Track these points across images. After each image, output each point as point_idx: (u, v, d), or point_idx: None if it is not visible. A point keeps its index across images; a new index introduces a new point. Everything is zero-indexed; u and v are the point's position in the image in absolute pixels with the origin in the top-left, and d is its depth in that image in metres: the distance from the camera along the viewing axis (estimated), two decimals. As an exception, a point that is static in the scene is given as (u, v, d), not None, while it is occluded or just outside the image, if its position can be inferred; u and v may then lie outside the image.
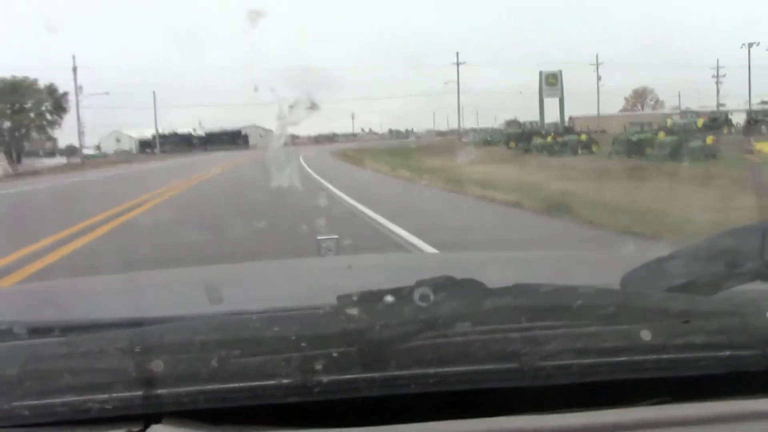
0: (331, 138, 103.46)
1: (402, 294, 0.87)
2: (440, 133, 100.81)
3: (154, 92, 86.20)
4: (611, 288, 1.02)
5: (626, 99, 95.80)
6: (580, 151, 30.51)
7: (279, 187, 10.56)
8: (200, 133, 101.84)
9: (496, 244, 7.61)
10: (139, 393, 0.83)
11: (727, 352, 0.90)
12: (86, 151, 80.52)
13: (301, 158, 29.58)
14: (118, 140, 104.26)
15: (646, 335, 0.88)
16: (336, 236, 2.23)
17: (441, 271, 0.93)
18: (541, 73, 49.71)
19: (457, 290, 0.90)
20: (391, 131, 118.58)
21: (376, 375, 0.85)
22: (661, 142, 24.27)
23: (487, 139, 53.71)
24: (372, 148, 47.29)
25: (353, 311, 0.86)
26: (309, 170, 23.16)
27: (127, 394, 0.83)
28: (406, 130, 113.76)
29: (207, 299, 1.29)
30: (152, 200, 15.11)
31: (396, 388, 0.85)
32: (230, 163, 35.66)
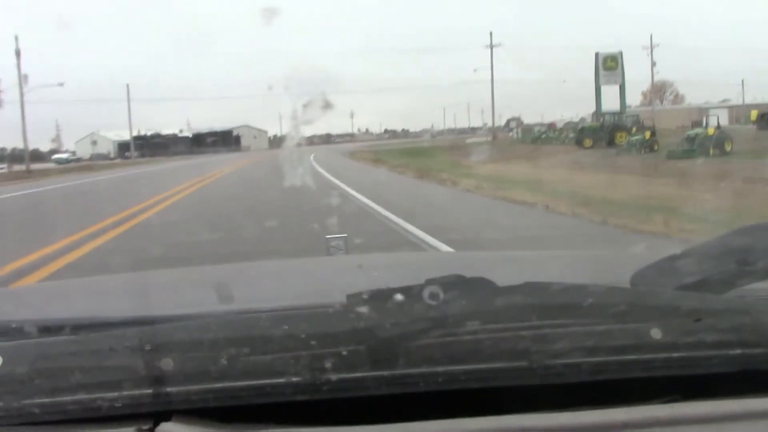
0: (326, 139, 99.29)
1: (412, 292, 0.87)
2: (452, 131, 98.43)
3: (127, 85, 72.93)
4: (622, 286, 1.02)
5: (644, 94, 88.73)
6: (642, 151, 27.31)
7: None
8: (187, 134, 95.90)
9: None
10: (149, 391, 0.83)
11: (739, 351, 0.89)
12: (60, 155, 74.49)
13: (326, 172, 21.76)
14: (94, 143, 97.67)
15: (656, 333, 0.88)
16: (345, 235, 2.23)
17: (451, 269, 0.93)
18: (597, 55, 41.29)
19: (467, 289, 0.90)
20: (386, 131, 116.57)
21: (386, 373, 0.85)
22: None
23: (540, 136, 47.14)
24: (385, 149, 42.19)
25: (363, 309, 0.86)
26: (353, 193, 14.33)
27: (136, 392, 0.83)
28: (402, 130, 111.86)
29: (216, 298, 1.29)
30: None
31: (405, 387, 0.85)
32: (212, 177, 24.09)
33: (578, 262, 2.10)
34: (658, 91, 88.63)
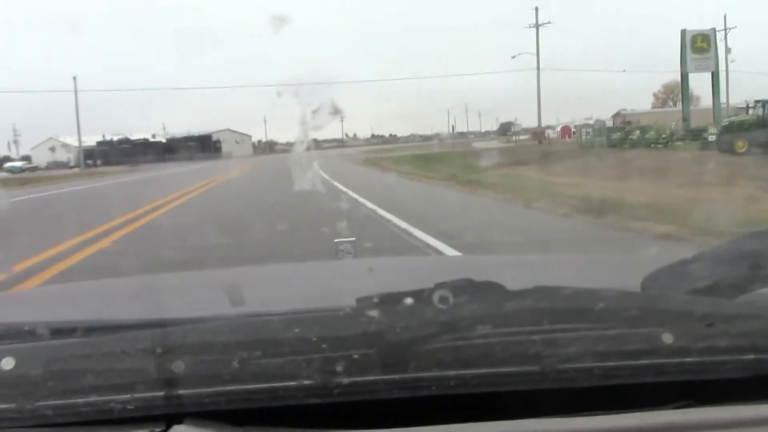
0: (314, 145, 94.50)
1: (422, 296, 0.87)
2: (460, 135, 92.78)
3: (74, 78, 58.94)
4: (633, 291, 1.01)
5: (655, 95, 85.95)
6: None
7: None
8: (160, 139, 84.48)
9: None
10: (161, 393, 0.83)
11: (751, 356, 0.89)
12: (13, 164, 67.11)
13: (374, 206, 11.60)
14: (52, 149, 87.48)
15: (668, 338, 0.87)
16: (354, 239, 2.24)
17: (461, 273, 0.92)
18: (683, 33, 33.00)
19: (478, 293, 0.90)
20: (374, 136, 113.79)
21: (396, 377, 0.85)
22: None
23: (627, 137, 33.73)
24: (396, 156, 34.81)
25: (373, 313, 0.87)
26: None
27: (148, 394, 0.83)
28: (391, 135, 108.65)
29: (228, 301, 1.29)
30: None
31: (416, 390, 0.85)
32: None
33: (588, 266, 2.09)
34: (671, 91, 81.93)
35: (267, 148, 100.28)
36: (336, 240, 2.21)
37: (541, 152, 29.54)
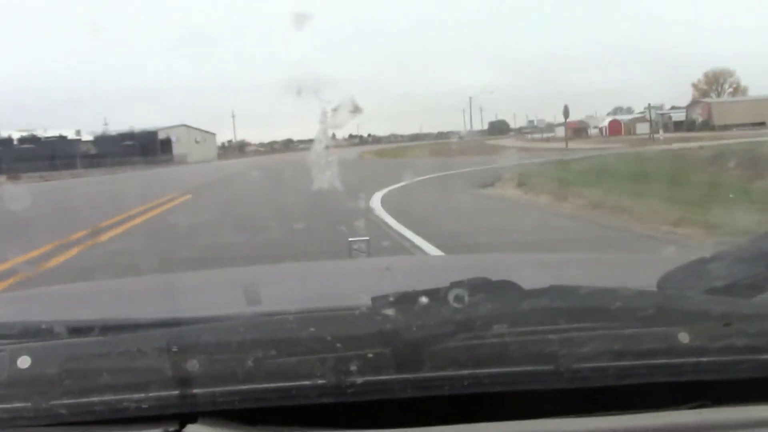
0: (287, 145, 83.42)
1: (437, 295, 0.87)
2: (441, 135, 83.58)
3: None
4: (650, 290, 1.01)
5: (695, 86, 76.57)
6: None
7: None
8: (88, 137, 64.39)
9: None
10: (175, 392, 0.84)
11: None
12: None
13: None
14: None
15: (685, 338, 0.87)
16: (367, 238, 2.24)
17: (474, 272, 0.92)
18: None
19: (493, 292, 0.90)
20: (352, 136, 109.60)
21: (410, 376, 0.84)
22: None
23: None
24: (470, 161, 25.00)
25: (388, 312, 0.86)
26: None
27: (163, 393, 0.84)
28: (369, 135, 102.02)
29: (243, 300, 1.30)
30: None
31: (431, 390, 0.85)
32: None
33: (603, 265, 2.09)
34: (713, 81, 77.79)
35: (237, 148, 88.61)
36: (350, 239, 2.21)
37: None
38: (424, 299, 0.87)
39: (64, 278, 5.95)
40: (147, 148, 59.17)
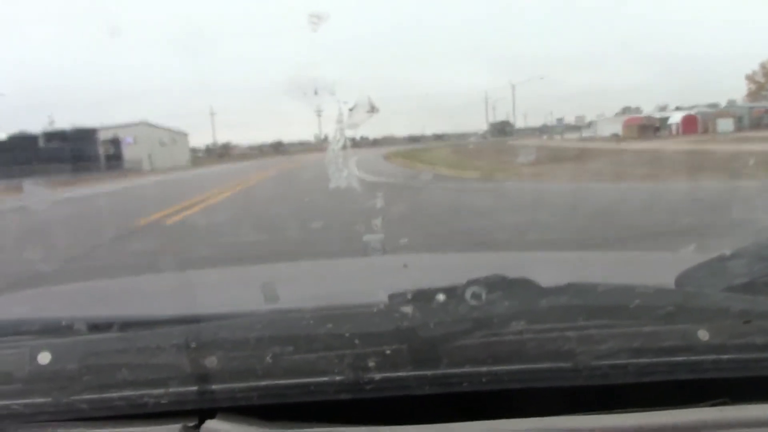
0: (277, 147, 76.03)
1: (455, 293, 0.87)
2: (437, 137, 77.65)
3: None
4: (669, 288, 1.00)
5: (749, 78, 63.08)
6: None
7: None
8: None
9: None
10: (194, 388, 0.84)
11: None
12: None
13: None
14: None
15: (704, 335, 0.86)
16: (382, 235, 2.24)
17: (493, 270, 0.92)
18: None
19: (510, 289, 0.89)
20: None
21: (428, 373, 0.85)
22: None
23: None
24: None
25: (406, 309, 0.87)
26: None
27: (182, 389, 0.84)
28: (361, 137, 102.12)
29: (260, 297, 1.30)
30: None
31: (448, 387, 0.85)
32: None
33: (620, 263, 2.07)
34: None
35: (222, 153, 73.23)
36: (365, 237, 2.21)
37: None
38: (441, 296, 0.87)
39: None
40: (81, 151, 42.81)
